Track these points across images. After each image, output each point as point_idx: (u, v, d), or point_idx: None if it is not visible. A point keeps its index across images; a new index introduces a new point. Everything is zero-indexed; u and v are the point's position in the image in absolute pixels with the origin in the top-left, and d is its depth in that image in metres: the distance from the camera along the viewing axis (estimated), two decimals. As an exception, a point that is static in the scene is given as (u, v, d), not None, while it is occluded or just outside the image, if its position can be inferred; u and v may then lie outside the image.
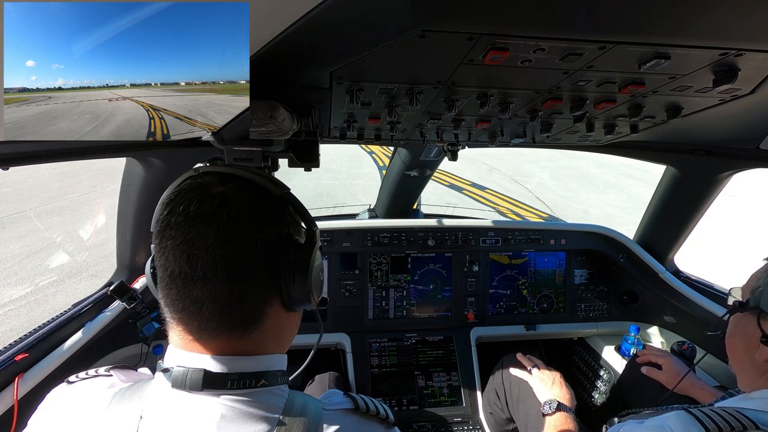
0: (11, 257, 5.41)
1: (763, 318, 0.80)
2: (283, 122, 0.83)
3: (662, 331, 2.03)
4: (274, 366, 0.63)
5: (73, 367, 1.34)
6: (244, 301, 0.59)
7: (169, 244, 0.57)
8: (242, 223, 0.58)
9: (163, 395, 0.58)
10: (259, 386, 0.59)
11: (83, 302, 1.49)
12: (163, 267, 0.58)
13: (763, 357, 0.79)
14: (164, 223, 0.57)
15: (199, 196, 0.58)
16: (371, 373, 1.90)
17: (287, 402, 0.61)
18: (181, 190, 0.59)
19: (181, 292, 0.57)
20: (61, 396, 0.66)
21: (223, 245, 0.56)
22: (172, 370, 0.57)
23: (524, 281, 2.12)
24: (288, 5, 0.53)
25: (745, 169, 1.45)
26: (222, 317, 0.58)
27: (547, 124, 1.15)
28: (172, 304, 0.58)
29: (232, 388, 0.57)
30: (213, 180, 0.60)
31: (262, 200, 0.62)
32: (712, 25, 0.59)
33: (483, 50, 0.66)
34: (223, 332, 0.59)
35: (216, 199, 0.58)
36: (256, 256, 0.59)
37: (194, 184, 0.60)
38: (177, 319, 0.59)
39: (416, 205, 2.80)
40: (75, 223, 6.72)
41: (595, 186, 9.58)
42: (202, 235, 0.56)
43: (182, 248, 0.56)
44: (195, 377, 0.56)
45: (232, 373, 0.58)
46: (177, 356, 0.59)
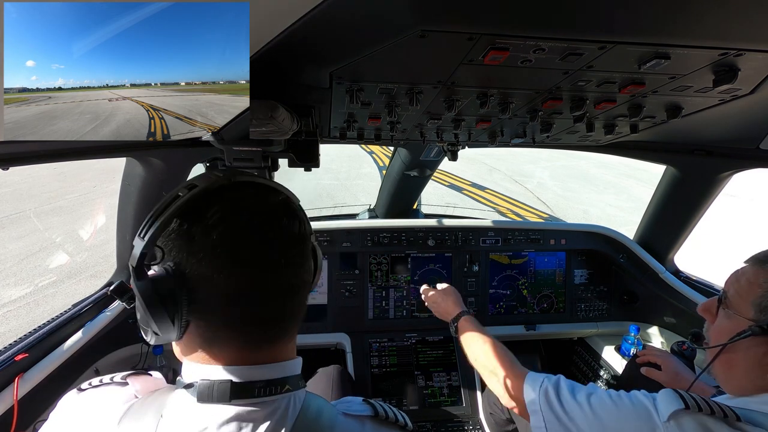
0: (10, 258, 5.40)
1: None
2: (283, 122, 0.83)
3: (662, 331, 2.03)
4: (295, 370, 0.63)
5: (73, 367, 1.34)
6: (300, 308, 0.63)
7: (249, 266, 0.56)
8: (304, 239, 0.62)
9: (187, 409, 0.56)
10: (284, 392, 0.59)
11: (83, 302, 1.49)
12: (224, 288, 0.55)
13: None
14: (240, 242, 0.55)
15: (265, 208, 0.59)
16: (371, 373, 1.89)
17: (303, 406, 0.61)
18: (251, 212, 0.57)
19: (246, 312, 0.57)
20: (72, 405, 0.63)
21: (300, 265, 0.60)
22: (197, 385, 0.56)
23: (524, 281, 2.12)
24: (288, 5, 0.53)
25: (745, 169, 1.45)
26: (279, 333, 0.61)
27: (547, 124, 1.15)
28: (236, 321, 0.57)
29: (260, 396, 0.56)
30: (260, 193, 0.61)
31: (301, 213, 0.64)
32: (712, 25, 0.59)
33: (483, 50, 0.66)
34: (274, 346, 0.61)
35: (285, 220, 0.59)
36: (309, 265, 0.64)
37: (254, 198, 0.59)
38: (228, 339, 0.58)
39: (416, 205, 2.80)
40: (75, 223, 6.72)
41: (596, 186, 9.58)
42: (290, 256, 0.58)
43: (271, 270, 0.57)
44: (222, 388, 0.55)
45: (259, 380, 0.57)
46: (200, 371, 0.58)
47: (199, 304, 0.56)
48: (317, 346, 1.99)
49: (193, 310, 0.56)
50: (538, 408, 0.92)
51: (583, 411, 0.84)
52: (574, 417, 0.85)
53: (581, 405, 0.85)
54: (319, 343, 1.96)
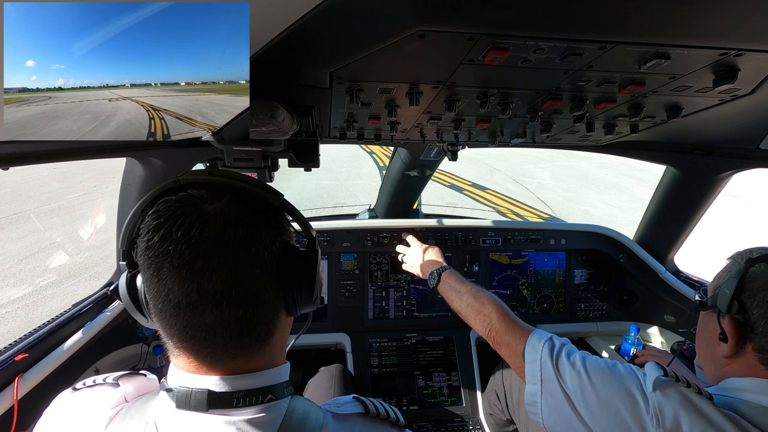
0: (9, 258, 5.39)
1: (722, 316, 0.83)
2: (283, 122, 0.83)
3: (662, 331, 2.03)
4: (281, 378, 0.62)
5: (73, 367, 1.34)
6: (258, 321, 0.57)
7: (171, 275, 0.52)
8: (250, 244, 0.55)
9: (168, 415, 0.56)
10: (267, 401, 0.57)
11: (83, 302, 1.49)
12: (164, 298, 0.53)
13: (722, 353, 0.83)
14: (160, 251, 0.52)
15: (198, 218, 0.52)
16: (371, 373, 1.89)
17: (286, 414, 0.59)
18: (172, 211, 0.53)
19: (190, 322, 0.53)
20: (65, 404, 0.64)
21: (234, 270, 0.53)
22: (176, 391, 0.56)
23: (524, 281, 2.12)
24: (288, 5, 0.53)
25: (745, 169, 1.45)
26: (237, 341, 0.56)
27: (547, 124, 1.15)
28: (179, 334, 0.55)
29: (238, 407, 0.55)
30: (203, 194, 0.55)
31: (263, 213, 0.58)
32: (712, 25, 0.59)
33: (483, 50, 0.66)
34: (239, 354, 0.57)
35: (218, 221, 0.53)
36: (265, 272, 0.56)
37: (184, 201, 0.54)
38: (183, 348, 0.56)
39: (416, 205, 2.80)
40: (74, 223, 6.71)
41: (596, 186, 9.58)
42: (210, 262, 0.52)
43: (189, 278, 0.51)
44: (199, 397, 0.54)
45: (237, 391, 0.56)
46: (180, 377, 0.57)
47: (153, 309, 0.55)
48: (317, 346, 1.99)
49: (153, 315, 0.56)
50: (538, 358, 0.91)
51: (575, 371, 0.85)
52: (565, 378, 0.85)
53: (574, 365, 0.86)
54: (319, 343, 1.96)
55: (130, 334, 1.57)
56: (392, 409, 0.71)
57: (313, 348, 1.95)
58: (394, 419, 0.70)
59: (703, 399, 0.73)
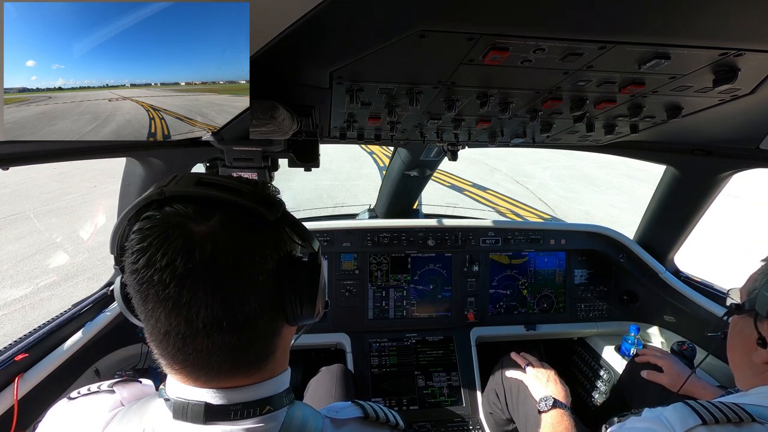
0: (7, 259, 5.38)
1: (759, 320, 0.79)
2: (283, 122, 0.83)
3: (662, 331, 2.03)
4: (281, 387, 0.60)
5: (73, 367, 1.34)
6: (254, 343, 0.55)
7: (157, 306, 0.49)
8: (243, 269, 0.51)
9: (164, 425, 0.55)
10: (264, 413, 0.56)
11: (83, 302, 1.49)
12: (152, 326, 0.51)
13: (760, 359, 0.79)
14: (145, 277, 0.48)
15: (183, 244, 0.48)
16: (371, 373, 1.89)
17: (284, 422, 0.58)
18: (156, 234, 0.48)
19: (181, 349, 0.51)
20: (61, 413, 0.64)
21: (224, 301, 0.49)
22: (173, 401, 0.54)
23: (524, 281, 2.12)
24: (288, 5, 0.53)
25: (745, 169, 1.45)
26: (233, 364, 0.54)
27: (547, 124, 1.15)
28: (171, 357, 0.53)
29: (235, 419, 0.54)
30: (189, 212, 0.50)
31: (257, 232, 0.53)
32: (712, 25, 0.59)
33: (483, 50, 0.66)
34: (237, 373, 0.55)
35: (205, 247, 0.48)
36: (260, 297, 0.53)
37: (168, 223, 0.49)
38: (178, 370, 0.54)
39: (416, 205, 2.80)
40: (74, 224, 6.71)
41: (597, 186, 9.58)
42: (198, 294, 0.48)
43: (176, 312, 0.49)
44: (196, 410, 0.53)
45: (235, 404, 0.54)
46: (177, 388, 0.55)
47: (144, 330, 0.53)
48: (317, 346, 1.99)
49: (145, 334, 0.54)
50: None
51: None
52: None
53: None
54: (319, 343, 1.96)
55: (130, 334, 1.57)
56: (392, 412, 0.71)
57: (313, 348, 1.95)
58: (394, 423, 0.69)
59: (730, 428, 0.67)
